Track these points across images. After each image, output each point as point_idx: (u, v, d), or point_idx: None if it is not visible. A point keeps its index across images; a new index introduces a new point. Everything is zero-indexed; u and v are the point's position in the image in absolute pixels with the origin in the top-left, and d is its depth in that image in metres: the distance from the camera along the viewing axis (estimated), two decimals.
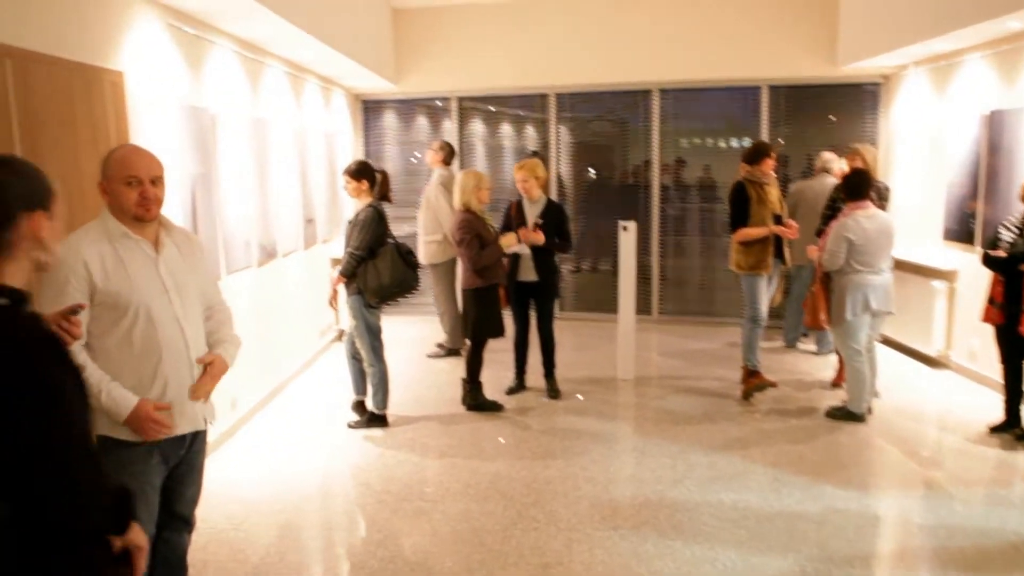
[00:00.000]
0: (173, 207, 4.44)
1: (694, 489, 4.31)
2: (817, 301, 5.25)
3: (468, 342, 5.62)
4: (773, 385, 5.85)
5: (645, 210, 8.37)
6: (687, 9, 7.82)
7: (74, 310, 2.02)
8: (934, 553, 3.63)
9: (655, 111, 8.16)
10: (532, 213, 5.64)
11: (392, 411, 5.48)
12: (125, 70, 4.03)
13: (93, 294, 2.40)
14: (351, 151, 8.55)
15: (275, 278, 6.08)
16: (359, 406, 5.34)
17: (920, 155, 7.01)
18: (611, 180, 8.81)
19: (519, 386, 5.98)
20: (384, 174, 5.25)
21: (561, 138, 8.57)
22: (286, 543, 3.78)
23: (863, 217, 5.07)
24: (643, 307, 8.29)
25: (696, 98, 8.24)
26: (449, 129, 8.67)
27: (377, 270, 4.95)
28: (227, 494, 4.27)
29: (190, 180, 4.65)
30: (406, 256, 5.04)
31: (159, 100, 4.36)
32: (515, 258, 5.62)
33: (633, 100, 8.30)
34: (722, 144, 8.48)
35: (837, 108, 7.94)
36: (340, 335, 7.73)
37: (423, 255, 6.95)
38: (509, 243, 5.43)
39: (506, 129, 8.94)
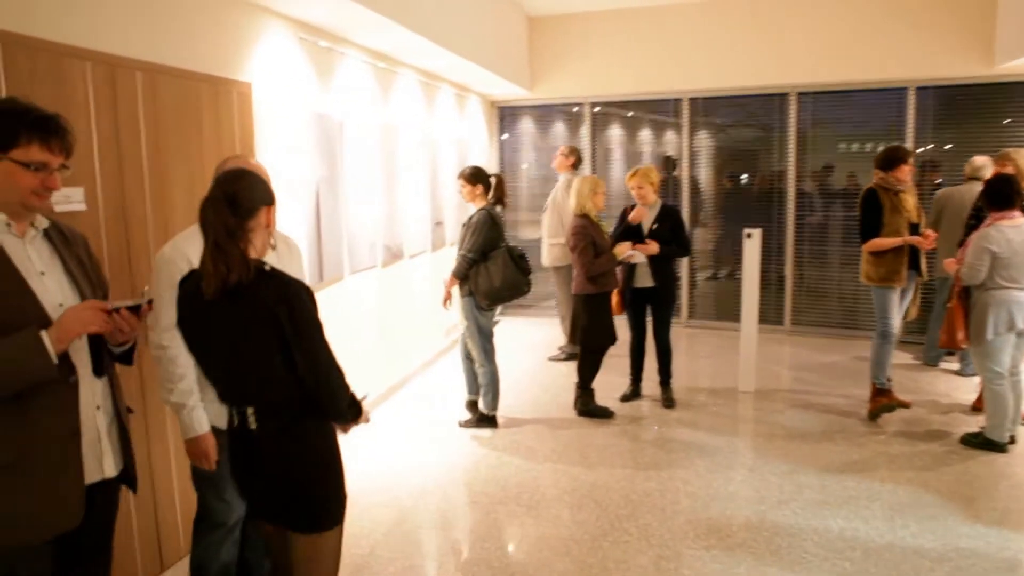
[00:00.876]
0: (297, 208, 4.73)
1: (800, 512, 4.10)
2: (954, 318, 4.85)
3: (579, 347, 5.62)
4: (906, 406, 5.48)
5: (780, 217, 8.03)
6: (826, 8, 7.42)
7: (137, 306, 2.17)
8: None
9: (792, 115, 7.80)
10: (647, 218, 5.56)
11: (505, 412, 5.59)
12: (253, 81, 4.31)
13: None
14: (486, 156, 8.73)
15: (400, 278, 6.32)
16: (472, 405, 5.46)
17: None
18: (748, 186, 8.49)
19: (634, 394, 5.91)
20: (499, 178, 5.34)
21: (696, 143, 8.36)
22: (377, 536, 3.92)
23: (1008, 227, 4.65)
24: (775, 317, 7.99)
25: (837, 101, 7.77)
26: (583, 135, 8.67)
27: (489, 273, 5.04)
28: None
29: (315, 183, 4.93)
30: (518, 260, 5.10)
31: (286, 108, 4.64)
32: (631, 264, 5.56)
33: (770, 104, 7.97)
34: (866, 149, 7.97)
35: (994, 109, 7.27)
36: None
37: (546, 258, 7.03)
38: (622, 252, 5.37)
39: (640, 134, 8.81)
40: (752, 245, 5.84)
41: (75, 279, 2.17)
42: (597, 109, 8.61)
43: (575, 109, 8.69)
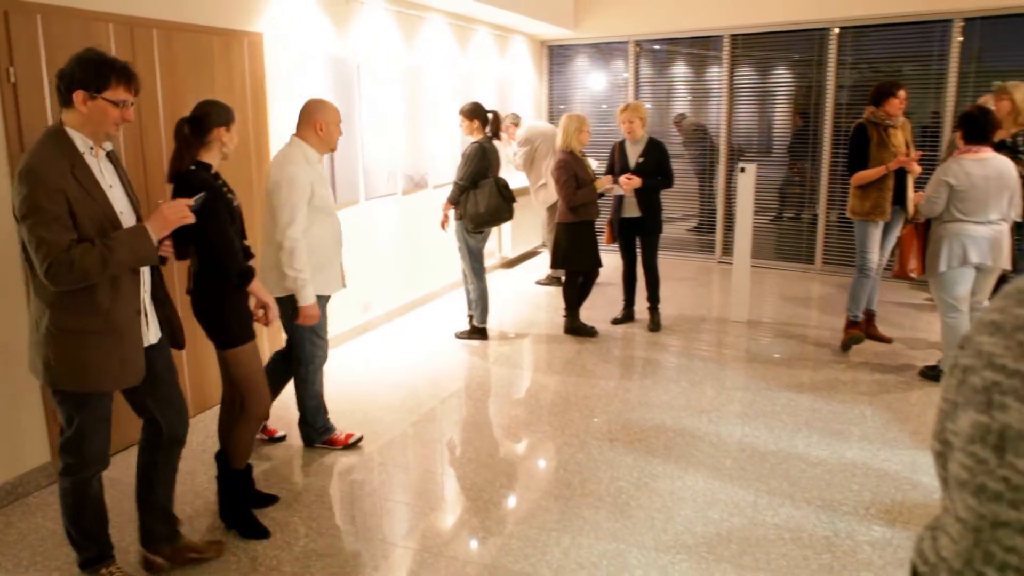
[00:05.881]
0: None
1: (715, 421, 4.49)
2: (905, 248, 4.95)
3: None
4: (885, 340, 5.64)
5: (815, 156, 8.04)
6: None
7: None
8: (907, 510, 3.54)
9: (832, 51, 7.71)
10: (634, 153, 5.91)
11: (505, 328, 6.25)
12: (265, 31, 5.02)
13: (311, 199, 3.74)
14: (535, 95, 9.17)
15: (422, 206, 6.95)
16: (470, 319, 6.10)
17: None
18: (785, 125, 8.46)
19: (626, 317, 6.35)
20: (495, 114, 5.85)
21: (737, 80, 8.41)
22: (343, 415, 4.68)
23: (970, 161, 4.67)
24: (803, 255, 8.07)
25: (880, 35, 7.60)
26: (628, 72, 8.92)
27: (476, 200, 5.60)
28: (328, 376, 5.29)
29: None
30: (502, 189, 5.63)
31: (299, 55, 5.33)
32: (620, 195, 5.95)
33: (810, 40, 7.90)
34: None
35: None
36: (503, 262, 8.54)
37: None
38: (602, 184, 5.78)
39: (686, 71, 8.92)
40: (745, 180, 6.04)
41: (127, 191, 2.80)
42: (657, 47, 8.80)
43: (636, 46, 8.85)
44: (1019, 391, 1.06)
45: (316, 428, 4.20)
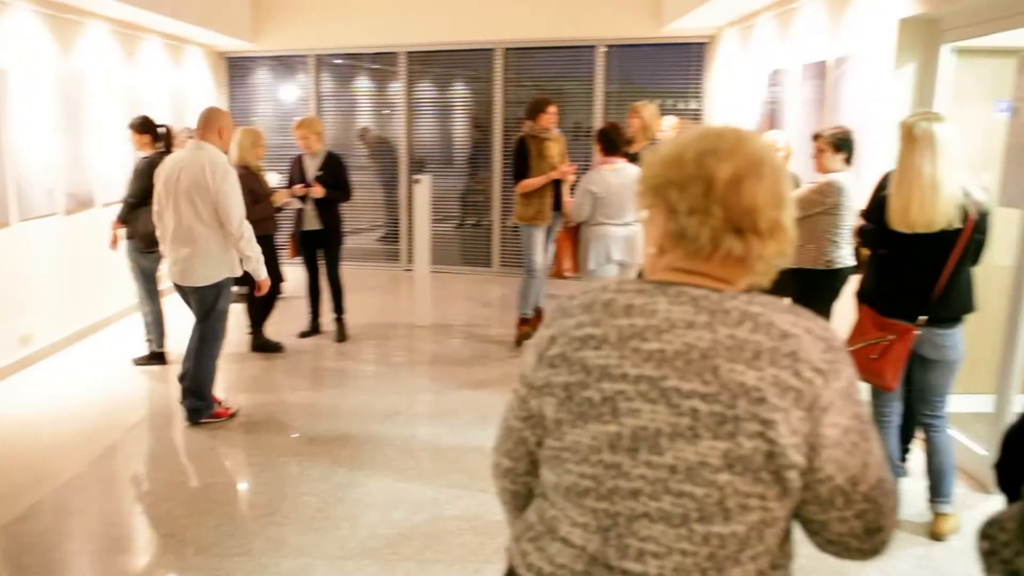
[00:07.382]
0: None
1: (400, 424, 4.69)
2: (560, 250, 5.57)
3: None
4: None
5: (488, 168, 8.69)
6: None
7: None
8: None
9: (499, 69, 8.39)
10: (312, 166, 5.97)
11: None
12: None
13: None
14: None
15: (90, 226, 6.40)
16: (149, 344, 5.75)
17: (729, 113, 7.24)
18: (465, 137, 9.06)
19: (313, 330, 6.37)
20: (168, 129, 5.60)
21: (415, 95, 8.82)
22: (17, 454, 4.23)
23: (608, 171, 5.34)
24: (484, 260, 8.67)
25: (538, 56, 8.47)
26: (309, 87, 8.98)
27: (147, 218, 5.28)
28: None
29: None
30: None
31: None
32: (300, 209, 5.97)
33: (477, 59, 8.54)
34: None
35: (666, 67, 8.15)
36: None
37: None
38: (279, 198, 5.78)
39: (369, 85, 9.17)
40: (421, 190, 6.37)
41: None
42: (339, 62, 8.90)
43: (322, 62, 8.90)
44: (648, 394, 1.11)
45: (207, 402, 4.59)
